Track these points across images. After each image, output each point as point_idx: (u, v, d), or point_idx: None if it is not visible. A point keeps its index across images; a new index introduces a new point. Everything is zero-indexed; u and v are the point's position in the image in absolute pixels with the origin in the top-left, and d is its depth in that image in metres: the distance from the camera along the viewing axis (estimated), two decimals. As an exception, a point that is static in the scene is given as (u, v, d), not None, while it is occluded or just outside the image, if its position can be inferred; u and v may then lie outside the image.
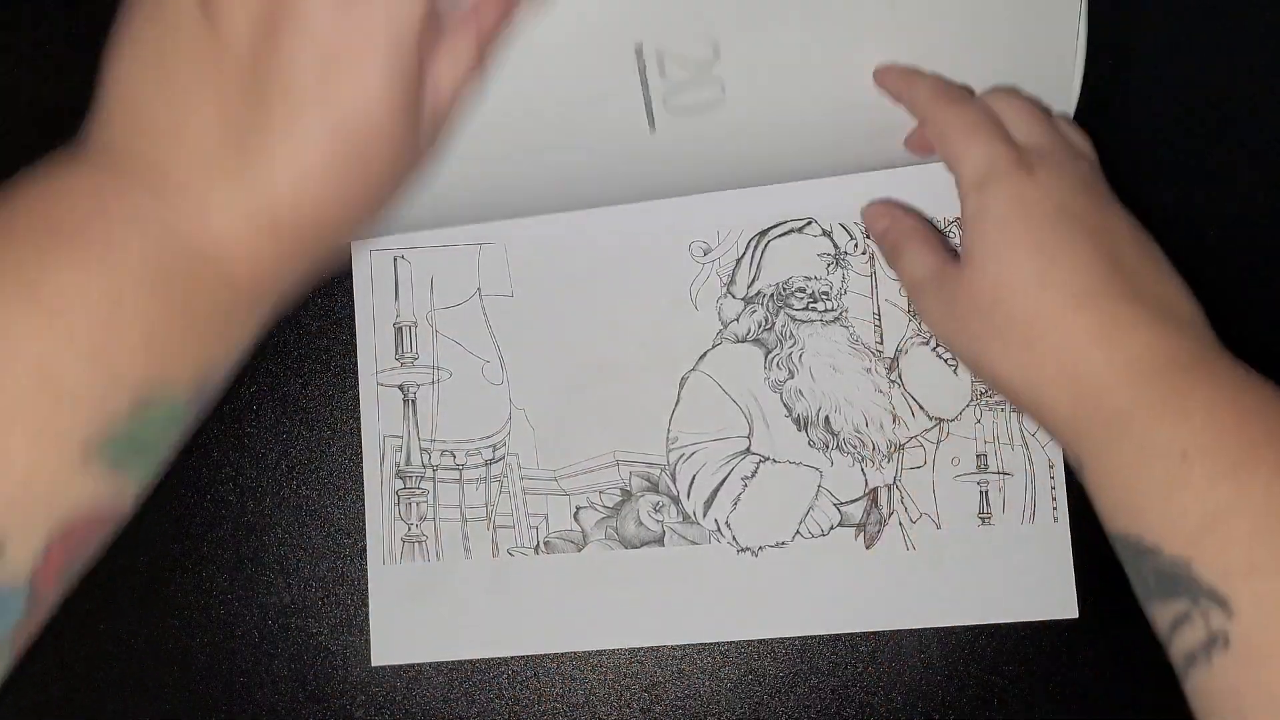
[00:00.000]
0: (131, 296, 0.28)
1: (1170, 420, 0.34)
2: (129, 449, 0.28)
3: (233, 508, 0.48)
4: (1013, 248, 0.37)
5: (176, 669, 0.47)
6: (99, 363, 0.27)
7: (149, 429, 0.28)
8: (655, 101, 0.41)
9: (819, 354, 0.48)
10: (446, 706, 0.47)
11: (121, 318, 0.27)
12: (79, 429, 0.27)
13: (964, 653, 0.48)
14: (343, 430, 0.48)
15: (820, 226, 0.49)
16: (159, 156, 0.30)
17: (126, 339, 0.27)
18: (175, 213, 0.29)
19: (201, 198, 0.29)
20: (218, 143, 0.30)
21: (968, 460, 0.48)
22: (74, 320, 0.27)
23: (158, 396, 0.28)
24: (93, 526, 0.28)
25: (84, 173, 0.30)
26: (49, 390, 0.26)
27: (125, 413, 0.28)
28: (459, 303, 0.48)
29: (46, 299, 0.27)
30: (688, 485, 0.48)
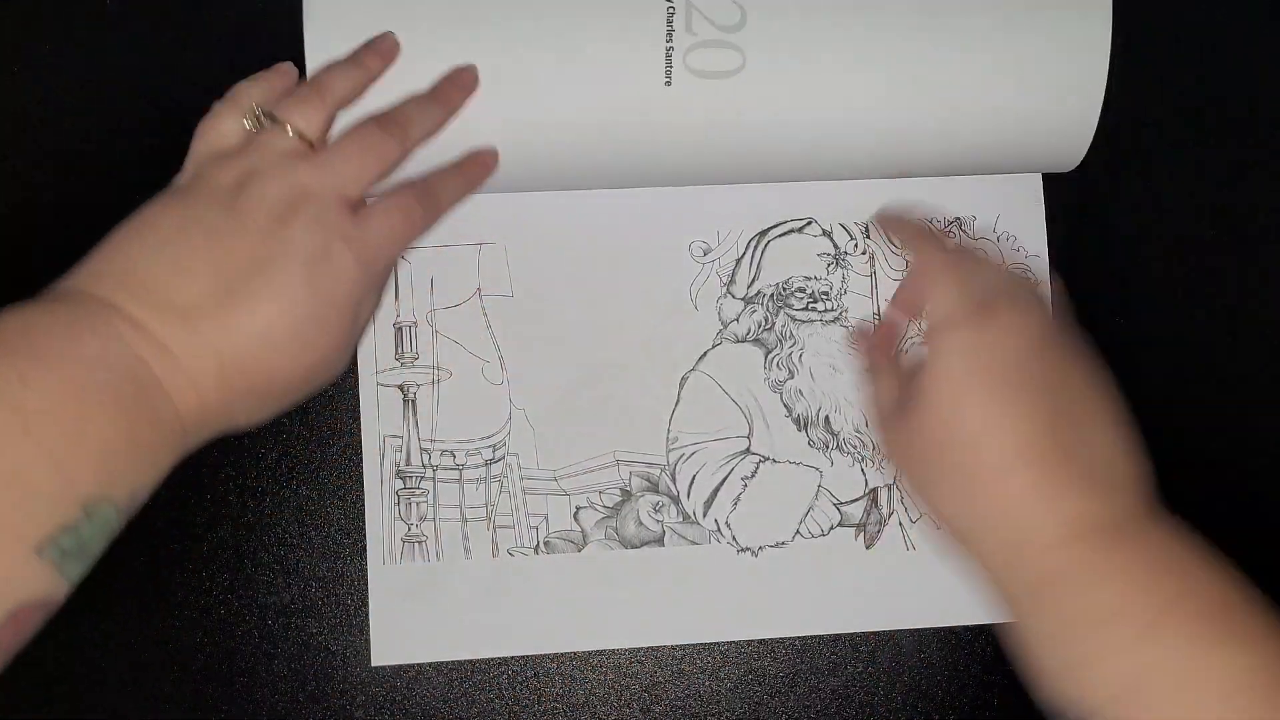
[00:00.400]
0: (96, 417, 0.32)
1: (1093, 586, 0.36)
2: (70, 550, 0.32)
3: (233, 508, 0.48)
4: (960, 399, 0.38)
5: (176, 669, 0.47)
6: (61, 473, 0.31)
7: (87, 535, 0.32)
8: (676, 56, 0.42)
9: (819, 354, 0.48)
10: (446, 706, 0.47)
11: (85, 434, 0.32)
12: (36, 529, 0.31)
13: (964, 653, 0.48)
14: (343, 430, 0.48)
15: (820, 226, 0.49)
16: (139, 310, 0.35)
17: (85, 454, 0.32)
18: (144, 352, 0.34)
19: (171, 343, 0.35)
20: (199, 301, 0.35)
21: (968, 460, 0.48)
22: (46, 433, 0.31)
23: (99, 508, 0.32)
24: (34, 614, 0.32)
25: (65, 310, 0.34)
26: (17, 492, 0.31)
27: (73, 519, 0.32)
28: (459, 303, 0.48)
29: (27, 413, 0.31)
30: (688, 485, 0.48)
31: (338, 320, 0.38)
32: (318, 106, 0.39)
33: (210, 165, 0.38)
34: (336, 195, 0.38)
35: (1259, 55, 0.50)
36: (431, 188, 0.41)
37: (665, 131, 0.43)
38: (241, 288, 0.36)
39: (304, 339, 0.37)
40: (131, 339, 0.34)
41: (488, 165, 0.43)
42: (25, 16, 0.49)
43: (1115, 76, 0.46)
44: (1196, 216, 0.49)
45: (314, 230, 0.37)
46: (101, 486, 0.32)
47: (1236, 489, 0.49)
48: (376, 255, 0.39)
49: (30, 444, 0.31)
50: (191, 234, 0.36)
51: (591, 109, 0.42)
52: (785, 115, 0.43)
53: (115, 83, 0.49)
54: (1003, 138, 0.44)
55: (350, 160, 0.38)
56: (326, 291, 0.37)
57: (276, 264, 0.36)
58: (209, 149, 0.39)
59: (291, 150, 0.38)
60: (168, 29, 0.49)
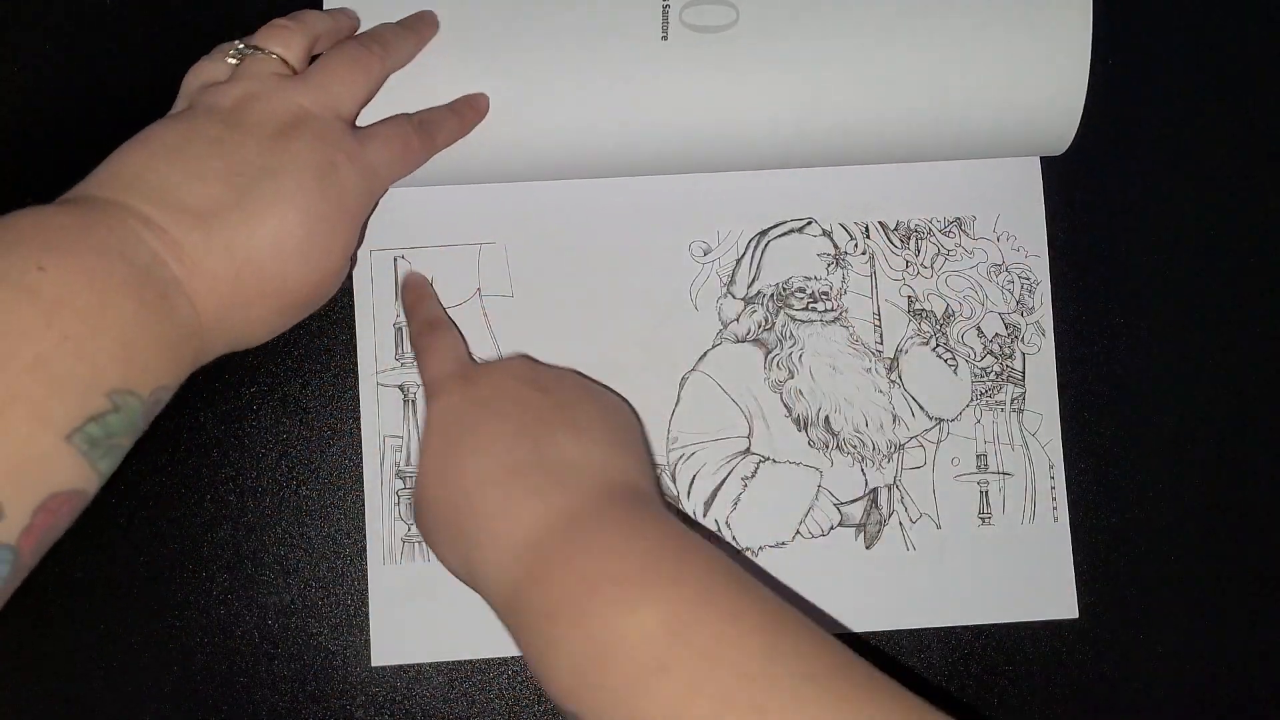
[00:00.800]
0: (116, 306, 0.32)
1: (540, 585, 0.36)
2: (98, 440, 0.32)
3: (233, 508, 0.48)
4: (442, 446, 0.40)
5: (176, 669, 0.47)
6: (84, 361, 0.31)
7: (115, 426, 0.32)
8: (672, 12, 0.43)
9: (819, 354, 0.48)
10: (446, 706, 0.47)
11: (106, 323, 0.32)
12: (64, 416, 0.31)
13: (964, 653, 0.48)
14: (343, 430, 0.48)
15: (820, 226, 0.49)
16: (154, 211, 0.35)
17: (108, 343, 0.32)
18: (160, 249, 0.34)
19: (184, 236, 0.35)
20: (212, 205, 0.35)
21: (968, 460, 0.48)
22: (66, 321, 0.31)
23: (125, 400, 0.32)
24: (65, 503, 0.32)
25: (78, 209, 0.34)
26: (43, 379, 0.30)
27: (99, 408, 0.32)
28: (459, 303, 0.48)
29: (44, 301, 0.31)
30: (688, 485, 0.48)
31: (347, 228, 0.39)
32: (296, 33, 0.40)
33: (204, 93, 0.39)
34: (331, 113, 0.39)
35: (1258, 50, 0.50)
36: (427, 121, 0.42)
37: (663, 86, 0.44)
38: (254, 191, 0.36)
39: (317, 243, 0.38)
40: (147, 236, 0.34)
41: (480, 108, 0.44)
42: (25, 16, 0.49)
43: (1114, 71, 0.47)
44: (1197, 215, 0.50)
45: (318, 144, 0.38)
46: (125, 379, 0.32)
47: (1236, 484, 0.49)
48: (376, 172, 0.40)
49: (53, 333, 0.31)
50: (198, 145, 0.36)
51: (590, 66, 0.44)
52: (778, 68, 0.44)
53: (115, 82, 0.49)
54: (993, 96, 0.44)
55: (338, 76, 0.39)
56: (335, 199, 0.38)
57: (286, 171, 0.37)
58: (199, 81, 0.40)
59: (279, 71, 0.39)
60: (168, 29, 0.49)
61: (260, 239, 0.36)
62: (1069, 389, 0.49)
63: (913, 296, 0.49)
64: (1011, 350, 0.49)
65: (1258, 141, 0.50)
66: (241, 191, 0.36)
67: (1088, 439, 0.48)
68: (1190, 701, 0.47)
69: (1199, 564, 0.45)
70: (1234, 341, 0.49)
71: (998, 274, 0.49)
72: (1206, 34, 0.50)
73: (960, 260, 0.49)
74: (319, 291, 0.39)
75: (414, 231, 0.48)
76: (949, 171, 0.48)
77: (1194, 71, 0.50)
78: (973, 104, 0.44)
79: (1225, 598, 0.45)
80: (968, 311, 0.49)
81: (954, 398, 0.48)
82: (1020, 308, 0.49)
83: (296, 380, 0.48)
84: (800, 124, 0.45)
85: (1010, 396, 0.48)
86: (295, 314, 0.39)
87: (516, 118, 0.44)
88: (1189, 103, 0.50)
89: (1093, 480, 0.48)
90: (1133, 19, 0.50)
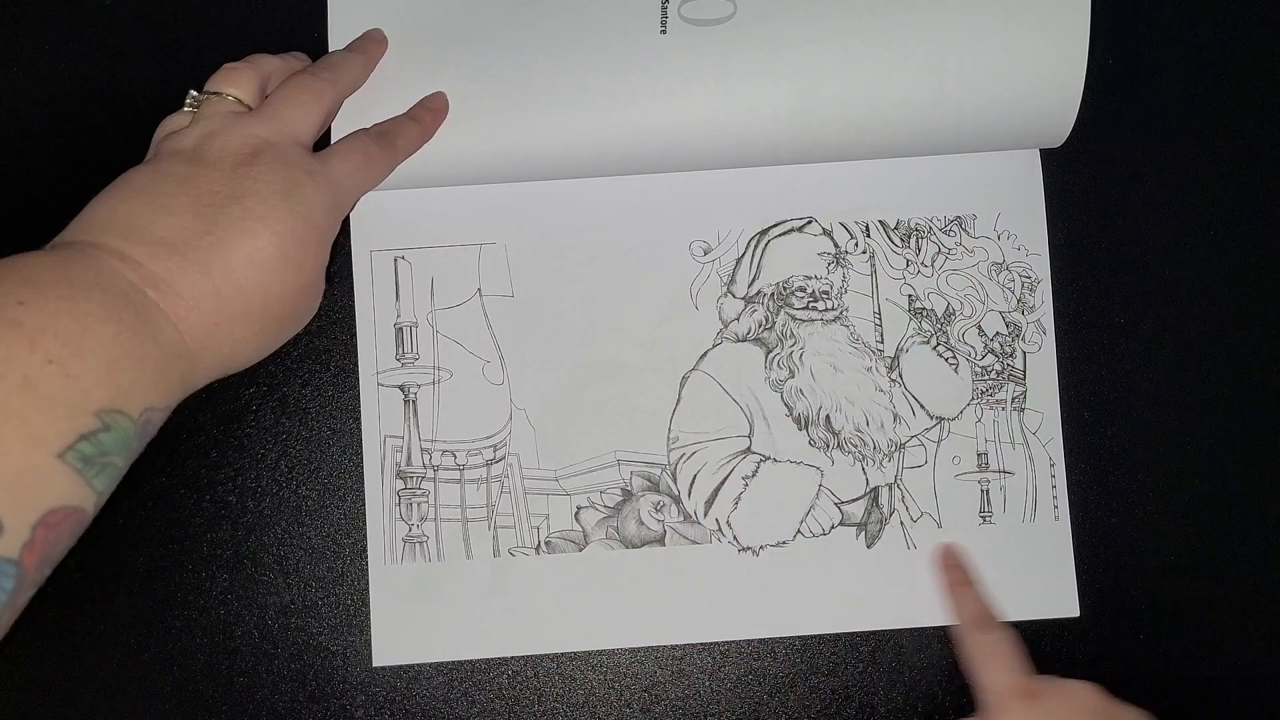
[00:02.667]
0: (95, 330, 0.33)
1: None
2: (91, 457, 0.33)
3: (233, 508, 0.48)
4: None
5: (176, 669, 0.47)
6: (70, 381, 0.32)
7: (108, 444, 0.33)
8: (671, 6, 0.44)
9: (819, 353, 0.48)
10: (446, 706, 0.47)
11: (87, 345, 0.33)
12: (56, 434, 0.32)
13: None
14: (343, 430, 0.48)
15: (820, 225, 0.49)
16: (124, 244, 0.36)
17: (92, 364, 0.33)
18: (137, 279, 0.36)
19: (159, 265, 0.36)
20: (184, 235, 0.37)
21: (968, 459, 0.48)
22: (49, 346, 0.32)
23: (115, 420, 0.34)
24: (66, 518, 0.33)
25: (54, 252, 0.36)
26: (32, 399, 0.32)
27: (90, 427, 0.33)
28: (459, 303, 0.48)
29: (26, 330, 0.32)
30: (688, 485, 0.48)
31: (317, 242, 0.40)
32: (246, 72, 0.42)
33: (167, 140, 0.41)
34: (289, 139, 0.41)
35: (1256, 44, 0.50)
36: (386, 131, 0.44)
37: (663, 79, 0.44)
38: (222, 217, 0.38)
39: (291, 259, 0.39)
40: (122, 269, 0.36)
41: (438, 109, 0.46)
42: (25, 16, 0.49)
43: (1114, 68, 0.47)
44: (1198, 214, 0.50)
45: (280, 167, 0.39)
46: (112, 399, 0.33)
47: (1236, 483, 0.49)
48: (340, 185, 0.41)
49: (38, 356, 0.32)
50: (166, 183, 0.38)
51: (589, 62, 0.44)
52: (776, 60, 0.44)
53: (115, 82, 0.49)
54: (991, 84, 0.44)
55: (292, 103, 0.41)
56: (303, 215, 0.39)
57: (252, 195, 0.38)
58: (164, 133, 0.42)
59: (235, 110, 0.41)
60: (168, 28, 0.49)
61: (235, 258, 0.37)
62: (1069, 388, 0.49)
63: (913, 295, 0.49)
64: (1012, 349, 0.49)
65: (1258, 137, 0.50)
66: (210, 219, 0.37)
67: (1088, 438, 0.48)
68: (1190, 701, 0.47)
69: (1199, 563, 0.45)
70: (1234, 340, 0.49)
71: (998, 272, 0.49)
72: (1205, 28, 0.50)
73: (961, 259, 0.49)
74: (299, 307, 0.40)
75: (414, 231, 0.48)
76: (949, 170, 0.48)
77: (1194, 70, 0.50)
78: (971, 95, 0.44)
79: (1225, 597, 0.45)
80: (968, 310, 0.49)
81: (955, 396, 0.48)
82: (1021, 306, 0.49)
83: (296, 380, 0.48)
84: (799, 116, 0.45)
85: (1011, 395, 0.48)
86: (279, 331, 0.40)
87: (516, 115, 0.44)
88: (1189, 102, 0.50)
89: (1093, 479, 0.48)
90: (1133, 19, 0.50)
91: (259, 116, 0.41)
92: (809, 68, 0.44)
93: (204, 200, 0.38)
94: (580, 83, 0.44)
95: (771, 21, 0.44)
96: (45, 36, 0.49)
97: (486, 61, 0.44)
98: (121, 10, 0.49)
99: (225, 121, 0.40)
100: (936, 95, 0.44)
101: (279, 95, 0.42)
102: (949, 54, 0.44)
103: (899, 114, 0.45)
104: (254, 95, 0.42)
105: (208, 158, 0.39)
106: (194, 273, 0.37)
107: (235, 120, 0.40)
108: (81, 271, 0.35)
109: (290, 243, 0.39)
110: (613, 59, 0.44)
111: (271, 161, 0.39)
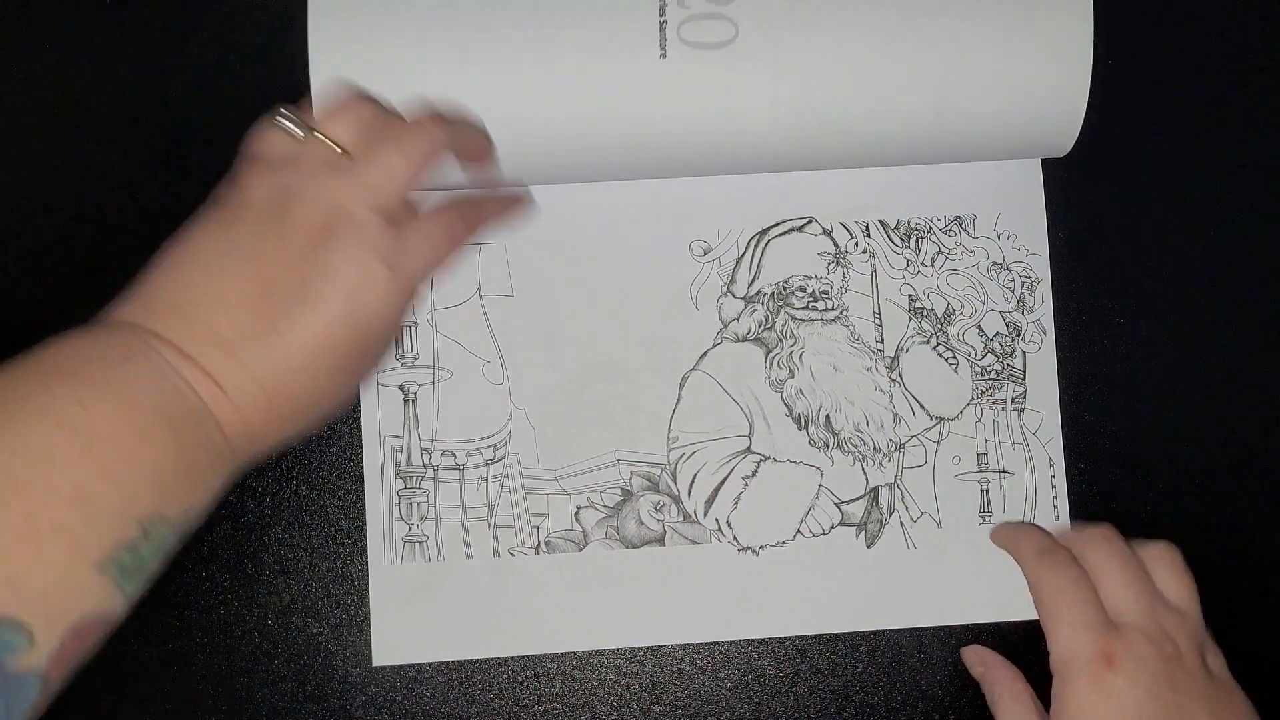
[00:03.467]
0: (151, 440, 0.33)
1: None
2: (128, 567, 0.33)
3: (233, 508, 0.48)
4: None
5: (176, 669, 0.47)
6: (120, 492, 0.32)
7: (145, 553, 0.33)
8: (670, 29, 0.42)
9: (819, 353, 0.48)
10: (446, 706, 0.47)
11: (141, 457, 0.33)
12: (98, 545, 0.32)
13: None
14: (343, 430, 0.48)
15: (820, 225, 0.49)
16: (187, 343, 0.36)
17: (142, 475, 0.33)
18: (193, 380, 0.35)
19: (215, 367, 0.36)
20: (243, 333, 0.36)
21: (968, 459, 0.48)
22: (104, 455, 0.32)
23: (156, 527, 0.33)
24: (95, 628, 0.33)
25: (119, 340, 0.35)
26: (82, 510, 0.32)
27: (131, 537, 0.33)
28: (459, 303, 0.48)
29: (83, 436, 0.32)
30: (688, 484, 0.48)
31: (375, 344, 0.39)
32: (354, 120, 0.40)
33: (252, 176, 0.39)
34: (374, 211, 0.38)
35: (1256, 46, 0.50)
36: (476, 207, 0.43)
37: (663, 103, 0.43)
38: (283, 318, 0.36)
39: (344, 365, 0.38)
40: (181, 368, 0.35)
41: (524, 204, 0.47)
42: (25, 16, 0.49)
43: (1114, 70, 0.46)
44: (1198, 214, 0.50)
45: (354, 253, 0.37)
46: (157, 506, 0.33)
47: (1236, 483, 0.49)
48: (413, 275, 0.39)
49: (92, 464, 0.32)
50: (234, 260, 0.37)
51: (590, 86, 0.43)
52: (779, 83, 0.43)
53: (115, 82, 0.49)
54: (994, 106, 0.44)
55: (382, 166, 0.38)
56: (364, 320, 0.37)
57: (317, 291, 0.36)
58: (253, 155, 0.40)
59: (328, 160, 0.38)
60: (168, 29, 0.49)
61: (290, 366, 0.36)
62: (1069, 388, 0.49)
63: (913, 295, 0.49)
64: (1012, 349, 0.49)
65: (1258, 138, 0.50)
66: (271, 319, 0.36)
67: (1088, 438, 0.48)
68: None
69: (1199, 564, 0.45)
70: (1234, 340, 0.49)
71: (998, 272, 0.49)
72: (1206, 33, 0.50)
73: (961, 259, 0.49)
74: (344, 407, 0.41)
75: (414, 231, 0.48)
76: (950, 170, 0.48)
77: (1194, 70, 0.50)
78: (975, 117, 0.44)
79: (1225, 597, 0.45)
80: (968, 310, 0.49)
81: (954, 396, 0.48)
82: (1021, 306, 0.49)
83: (296, 380, 0.48)
84: (800, 135, 0.44)
85: (1011, 395, 0.48)
86: (326, 419, 0.39)
87: (516, 139, 0.44)
88: (1189, 101, 0.50)
89: (1092, 480, 0.48)
90: (1133, 20, 0.50)
91: (349, 178, 0.38)
92: (812, 91, 0.43)
93: (269, 288, 0.36)
94: (578, 110, 0.43)
95: (774, 46, 0.43)
96: (46, 37, 0.49)
97: (484, 86, 0.43)
98: (123, 11, 0.49)
99: (314, 177, 0.38)
100: (941, 118, 0.44)
101: (372, 155, 0.39)
102: (953, 77, 0.43)
103: (902, 134, 0.44)
104: (357, 143, 0.39)
105: (285, 225, 0.37)
106: (247, 380, 0.36)
107: (325, 177, 0.38)
108: (140, 367, 0.34)
109: (346, 350, 0.37)
110: (611, 86, 0.43)
111: (347, 244, 0.37)
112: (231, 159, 0.43)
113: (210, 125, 0.48)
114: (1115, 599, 0.42)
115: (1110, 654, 0.41)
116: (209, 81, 0.49)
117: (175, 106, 0.49)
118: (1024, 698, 0.44)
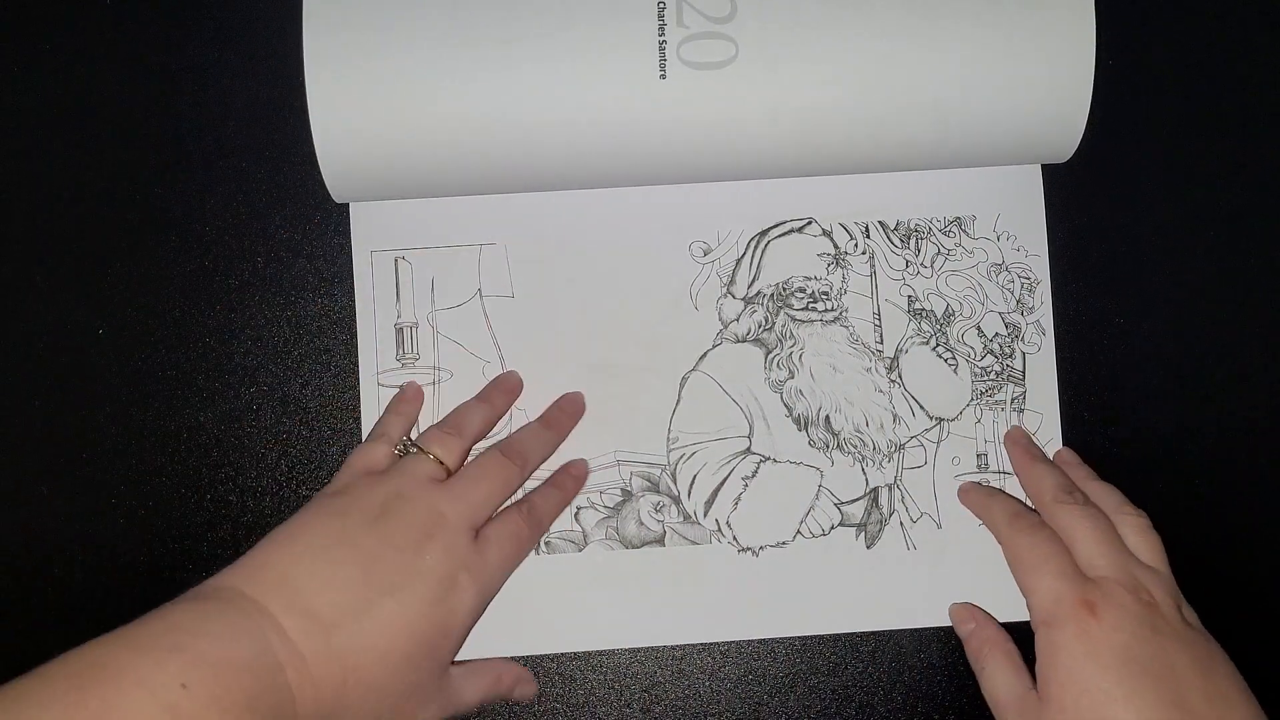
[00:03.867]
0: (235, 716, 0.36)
1: None
2: None
3: (233, 508, 0.48)
4: (1083, 697, 0.40)
5: (176, 669, 0.47)
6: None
7: None
8: (669, 49, 0.42)
9: (819, 354, 0.48)
10: (447, 707, 0.47)
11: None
12: None
13: (964, 653, 0.48)
14: (343, 430, 0.48)
15: (820, 226, 0.49)
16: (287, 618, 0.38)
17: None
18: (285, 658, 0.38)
19: (306, 644, 0.38)
20: (339, 615, 0.39)
21: (968, 460, 0.48)
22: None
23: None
24: None
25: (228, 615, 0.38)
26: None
27: None
28: (460, 303, 0.48)
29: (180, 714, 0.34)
30: (688, 485, 0.48)
31: (447, 644, 0.42)
32: (456, 441, 0.45)
33: (361, 482, 0.43)
34: (466, 523, 0.42)
35: (1256, 48, 0.50)
36: (536, 508, 0.46)
37: (663, 124, 0.43)
38: (376, 608, 0.40)
39: (417, 661, 0.40)
40: (277, 646, 0.38)
41: (580, 477, 0.48)
42: (25, 16, 0.49)
43: (1114, 72, 0.46)
44: (1198, 214, 0.50)
45: (445, 559, 0.41)
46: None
47: (1235, 484, 0.49)
48: (491, 582, 0.43)
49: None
50: (342, 550, 0.40)
51: (589, 106, 0.42)
52: (779, 102, 0.43)
53: (115, 82, 0.49)
54: (995, 124, 0.44)
55: (479, 487, 0.44)
56: (443, 619, 0.41)
57: (409, 588, 0.40)
58: (361, 466, 0.44)
59: (432, 474, 0.43)
60: (168, 29, 0.49)
61: (371, 653, 0.39)
62: (1069, 388, 0.49)
63: (913, 296, 0.49)
64: (1012, 350, 0.49)
65: (1258, 138, 0.50)
66: (366, 606, 0.39)
67: (1088, 438, 0.49)
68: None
69: (1199, 564, 0.45)
70: (1234, 341, 0.49)
71: (998, 273, 0.49)
72: (1206, 35, 0.50)
73: (960, 260, 0.49)
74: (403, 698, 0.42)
75: (415, 232, 0.48)
76: (950, 172, 0.48)
77: (1194, 71, 0.50)
78: (976, 128, 0.44)
79: (1225, 598, 0.45)
80: (968, 311, 0.49)
81: (954, 397, 0.48)
82: (1020, 307, 0.49)
83: (296, 380, 0.48)
84: (802, 154, 0.44)
85: (1010, 396, 0.48)
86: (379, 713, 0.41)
87: (515, 158, 0.44)
88: (1189, 102, 0.50)
89: (1093, 480, 0.48)
90: (1133, 20, 0.50)
91: (447, 492, 0.43)
92: (813, 111, 0.43)
93: (369, 576, 0.40)
94: (579, 131, 0.43)
95: (775, 65, 0.42)
96: (46, 37, 0.49)
97: (480, 104, 0.42)
98: (123, 11, 0.49)
99: (419, 487, 0.43)
100: (942, 131, 0.44)
101: (471, 476, 0.44)
102: (954, 100, 0.43)
103: (903, 152, 0.44)
104: (457, 461, 0.45)
105: (389, 525, 0.41)
106: (331, 657, 0.38)
107: (428, 489, 0.43)
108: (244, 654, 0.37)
109: (423, 646, 0.40)
110: (612, 107, 0.42)
111: (441, 551, 0.41)
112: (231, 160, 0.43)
113: (210, 125, 0.48)
114: (1089, 555, 0.43)
115: (1091, 602, 0.41)
116: (209, 81, 0.49)
117: (175, 106, 0.49)
118: (1013, 656, 0.44)
